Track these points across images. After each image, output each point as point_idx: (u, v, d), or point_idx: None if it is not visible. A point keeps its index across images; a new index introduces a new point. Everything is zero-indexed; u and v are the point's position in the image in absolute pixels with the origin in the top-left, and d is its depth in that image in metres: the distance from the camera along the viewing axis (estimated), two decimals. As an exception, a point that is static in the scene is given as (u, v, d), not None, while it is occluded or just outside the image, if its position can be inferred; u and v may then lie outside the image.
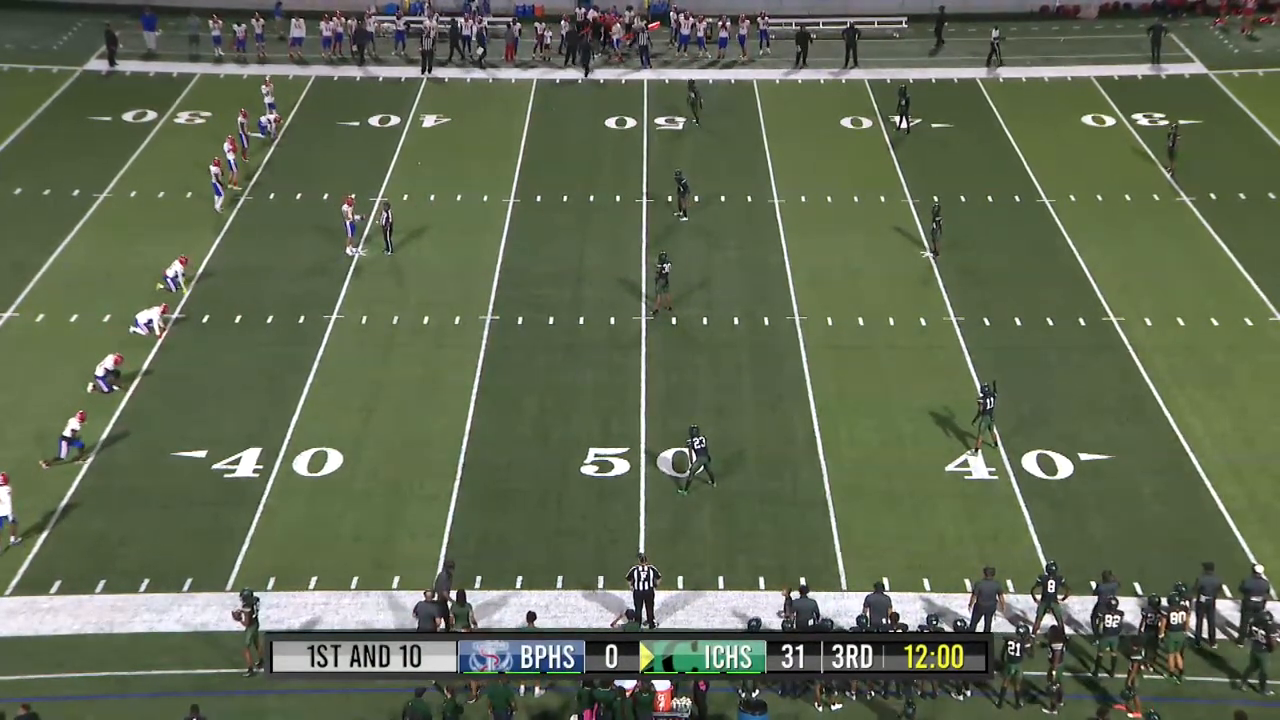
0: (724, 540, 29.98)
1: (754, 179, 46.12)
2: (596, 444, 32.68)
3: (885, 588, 26.74)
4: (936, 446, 32.68)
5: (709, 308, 38.47)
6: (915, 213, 43.58)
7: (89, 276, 39.51)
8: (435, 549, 29.16)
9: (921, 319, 37.97)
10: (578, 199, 44.77)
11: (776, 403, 34.56)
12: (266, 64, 54.53)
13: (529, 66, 55.20)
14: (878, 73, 54.44)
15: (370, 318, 37.82)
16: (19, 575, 28.39)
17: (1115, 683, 25.63)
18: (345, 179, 45.21)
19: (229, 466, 31.78)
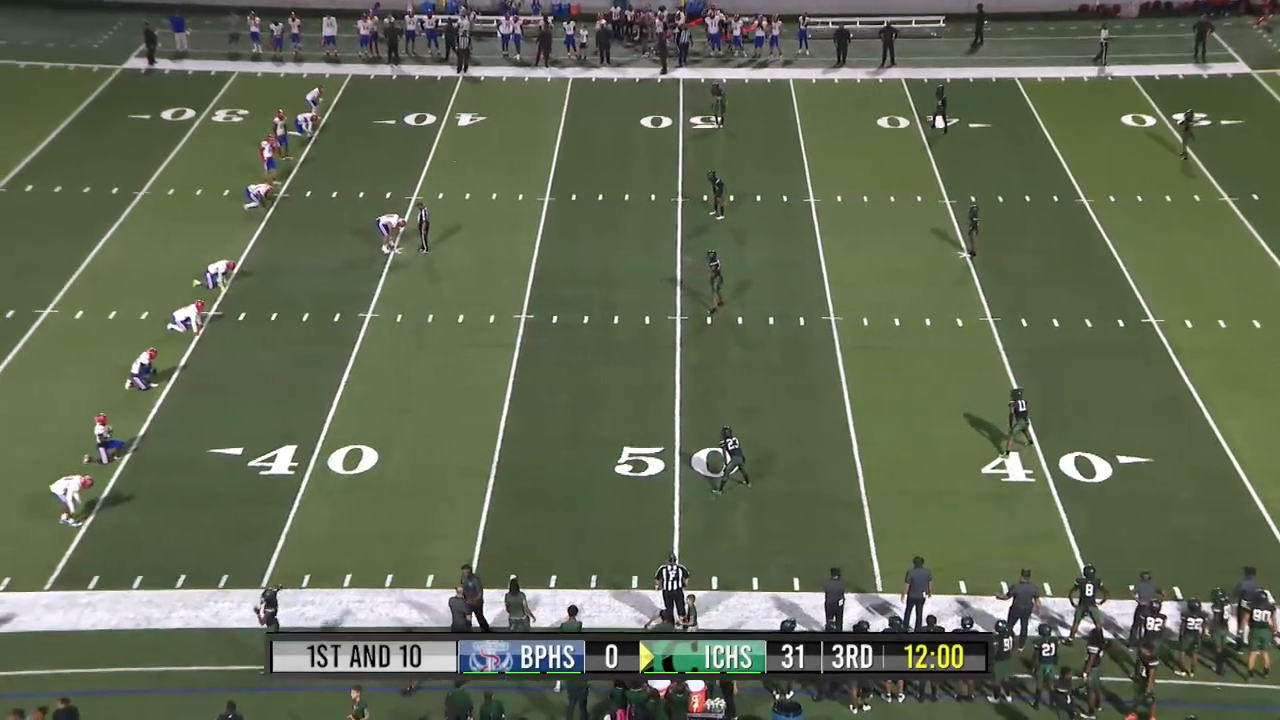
0: (758, 541, 29.96)
1: (789, 178, 46.04)
2: (630, 443, 32.71)
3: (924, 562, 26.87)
4: (972, 448, 32.54)
5: (743, 308, 38.44)
6: (952, 213, 43.40)
7: (127, 274, 39.86)
8: (469, 547, 29.27)
9: (958, 320, 37.82)
10: (612, 198, 44.81)
11: (811, 403, 34.50)
12: (303, 63, 54.88)
13: (564, 65, 55.30)
14: (915, 72, 54.23)
15: (405, 316, 38.00)
16: (58, 570, 28.69)
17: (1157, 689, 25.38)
18: (381, 177, 45.46)
19: (264, 464, 32.00)
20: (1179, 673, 26.16)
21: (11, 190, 44.79)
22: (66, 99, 51.38)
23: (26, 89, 52.78)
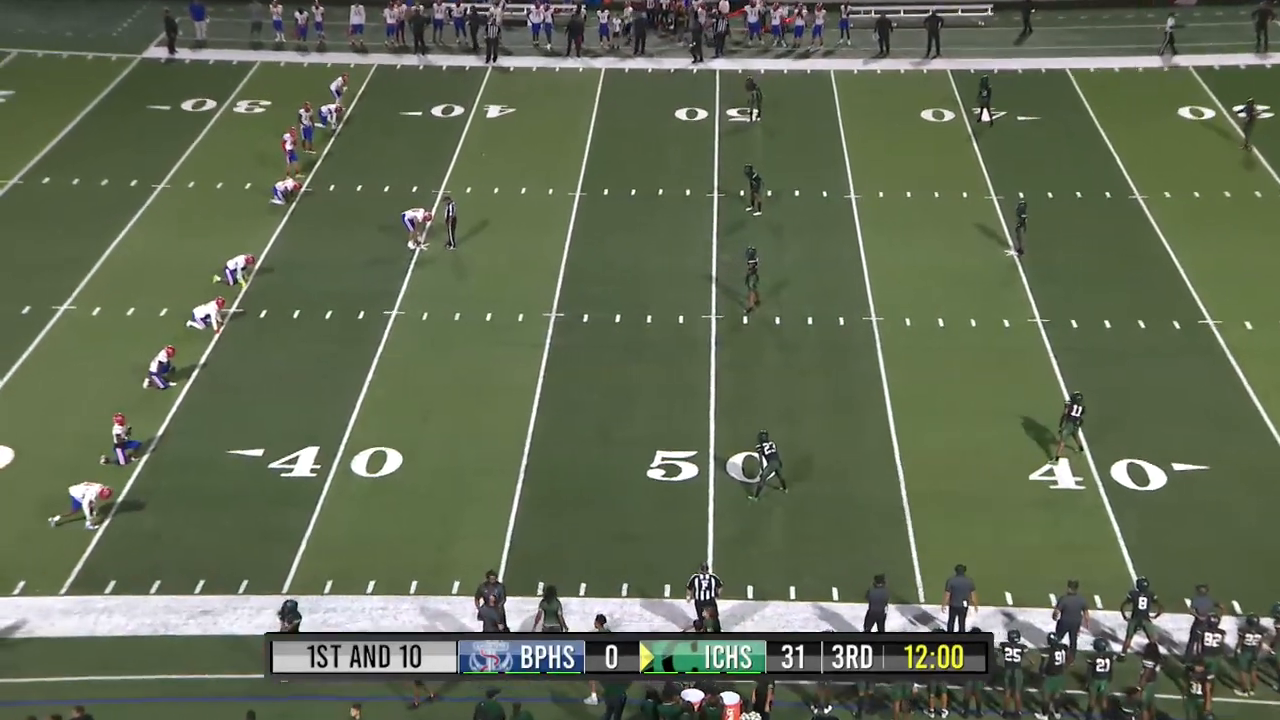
0: (795, 548, 29.90)
1: (829, 173, 45.94)
2: (663, 447, 32.70)
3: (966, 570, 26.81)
4: (1020, 454, 32.38)
5: (781, 307, 38.39)
6: (999, 209, 43.20)
7: (146, 269, 40.14)
8: (495, 553, 29.33)
9: (1004, 320, 37.65)
10: (646, 193, 44.83)
11: (851, 406, 34.41)
12: (327, 52, 55.15)
13: (596, 55, 55.35)
14: (961, 63, 54.02)
15: (431, 314, 38.12)
16: (73, 574, 28.90)
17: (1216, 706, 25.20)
18: (407, 171, 45.64)
19: (286, 466, 32.15)
20: (1238, 691, 25.95)
21: (28, 182, 45.19)
22: (84, 89, 51.81)
23: (44, 78, 53.26)
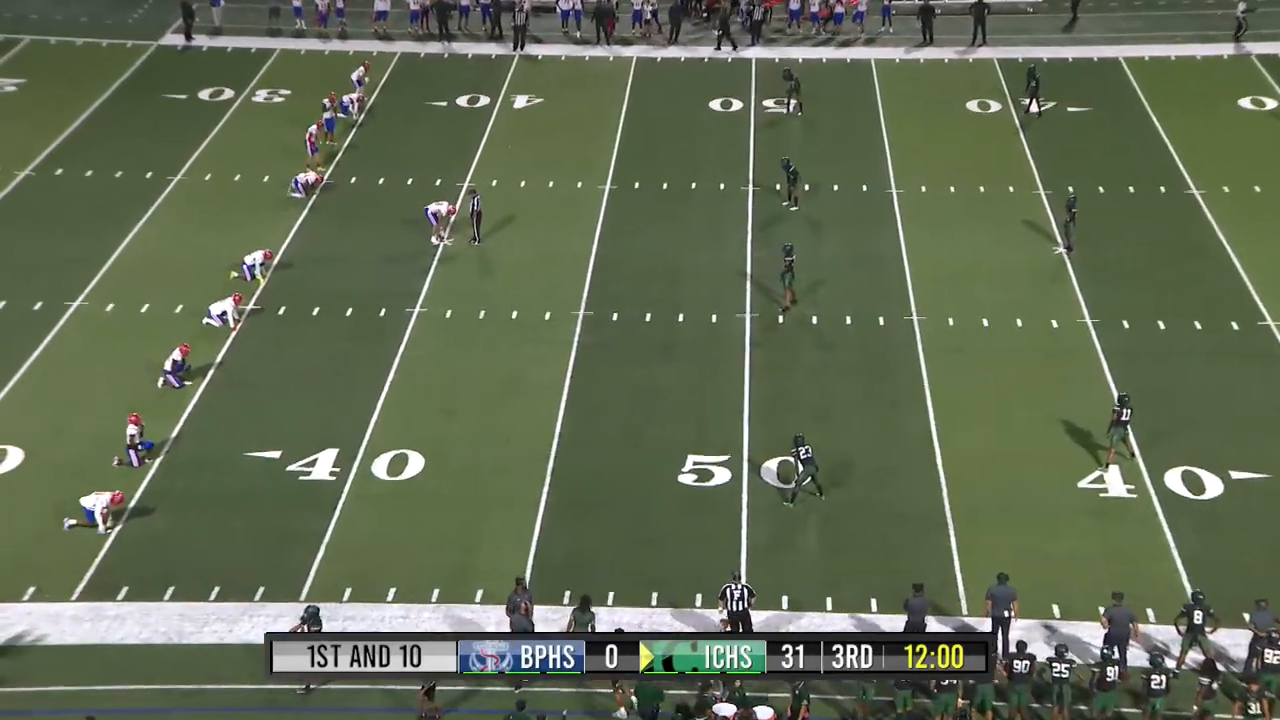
0: (832, 557, 29.83)
1: (870, 166, 45.83)
2: (695, 451, 32.67)
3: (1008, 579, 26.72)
4: (1068, 460, 32.21)
5: (818, 305, 38.30)
6: (1047, 204, 43.01)
7: (161, 264, 40.38)
8: (520, 560, 29.35)
9: (1053, 321, 37.47)
10: (678, 186, 44.81)
11: (891, 409, 34.31)
12: (349, 40, 55.35)
13: (627, 43, 55.35)
14: (1008, 51, 53.81)
15: (455, 311, 38.19)
16: (85, 580, 29.04)
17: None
18: (431, 163, 45.76)
19: (304, 468, 32.26)
20: (1297, 709, 25.74)
21: (40, 174, 45.52)
22: (99, 77, 52.19)
23: (57, 66, 53.68)
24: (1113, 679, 25.16)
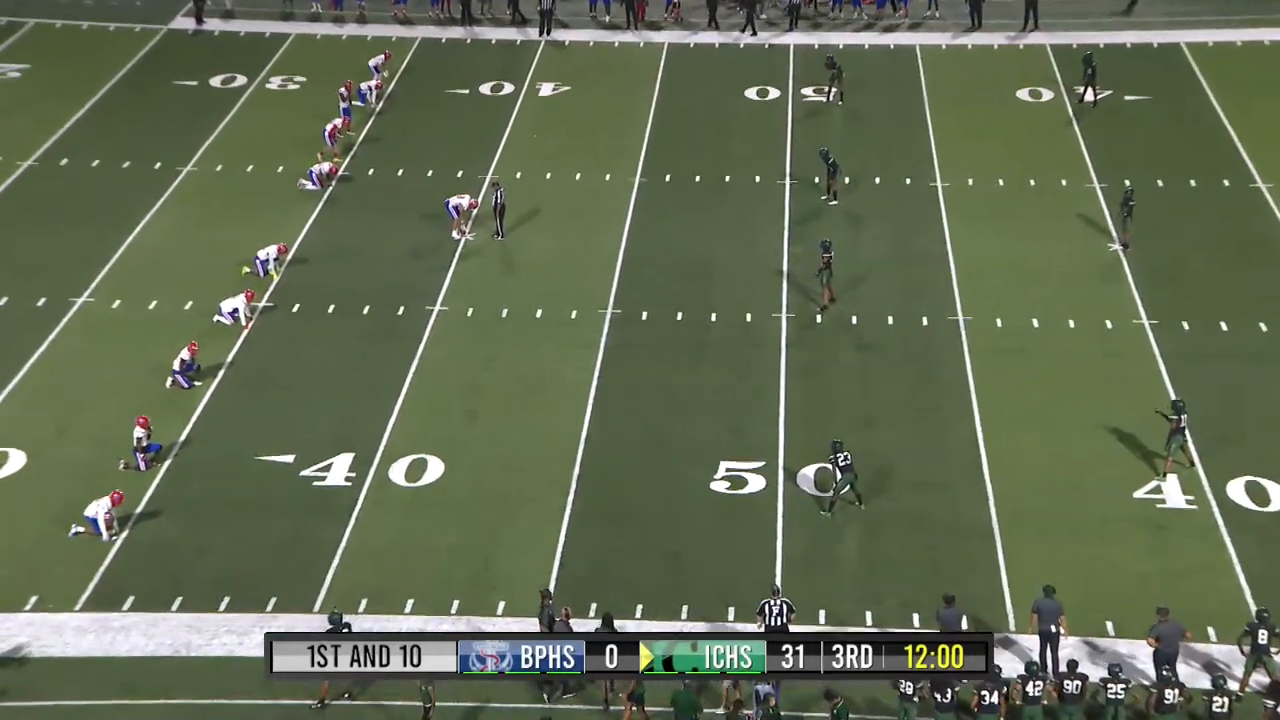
0: (871, 570, 29.80)
1: (913, 158, 45.77)
2: (728, 456, 32.72)
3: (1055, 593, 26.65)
4: (1123, 469, 32.11)
5: (858, 304, 38.27)
6: (1102, 198, 42.88)
7: (170, 259, 40.65)
8: (544, 571, 29.45)
9: (1107, 321, 37.35)
10: (711, 179, 44.84)
11: (935, 414, 34.27)
12: (367, 24, 55.59)
13: (659, 28, 55.41)
14: (1062, 36, 53.64)
15: (477, 310, 38.33)
16: (89, 589, 29.27)
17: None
18: (452, 154, 45.92)
19: (318, 473, 32.44)
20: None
21: (45, 164, 45.89)
22: (106, 63, 52.56)
23: (62, 51, 54.11)
24: (1171, 701, 25.04)
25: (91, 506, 30.26)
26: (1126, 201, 40.42)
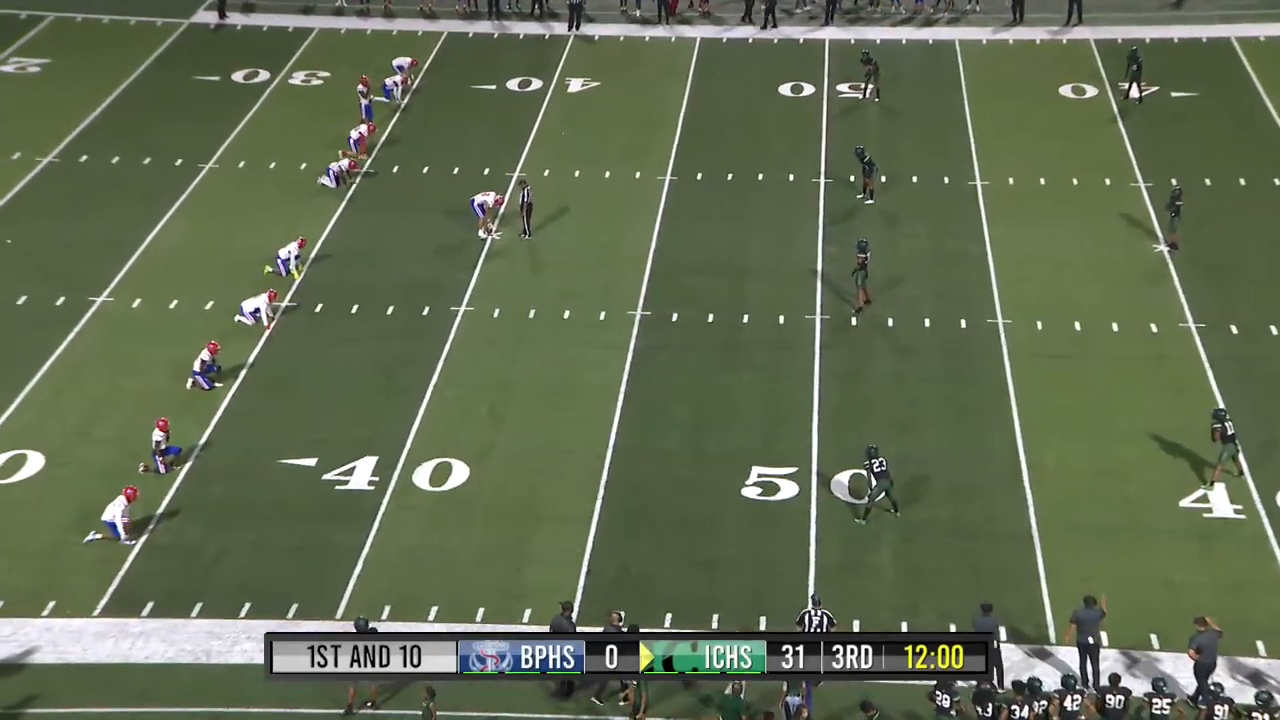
0: (907, 579, 29.74)
1: (952, 157, 45.68)
2: (760, 462, 32.71)
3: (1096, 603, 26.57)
4: (1168, 477, 31.97)
5: (895, 306, 38.21)
6: (1148, 198, 42.73)
7: (191, 258, 40.86)
8: (572, 578, 29.48)
9: (1152, 324, 37.21)
10: (744, 177, 44.84)
11: (973, 420, 34.18)
12: (394, 18, 55.77)
13: (691, 22, 55.42)
14: (1106, 31, 53.42)
15: (503, 310, 38.41)
16: (108, 594, 29.43)
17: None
18: (478, 151, 46.03)
19: (341, 477, 32.56)
20: None
21: (64, 160, 46.19)
22: (126, 57, 52.86)
23: (82, 45, 54.47)
24: (1221, 718, 24.89)
25: (108, 510, 30.42)
26: (1173, 201, 40.25)
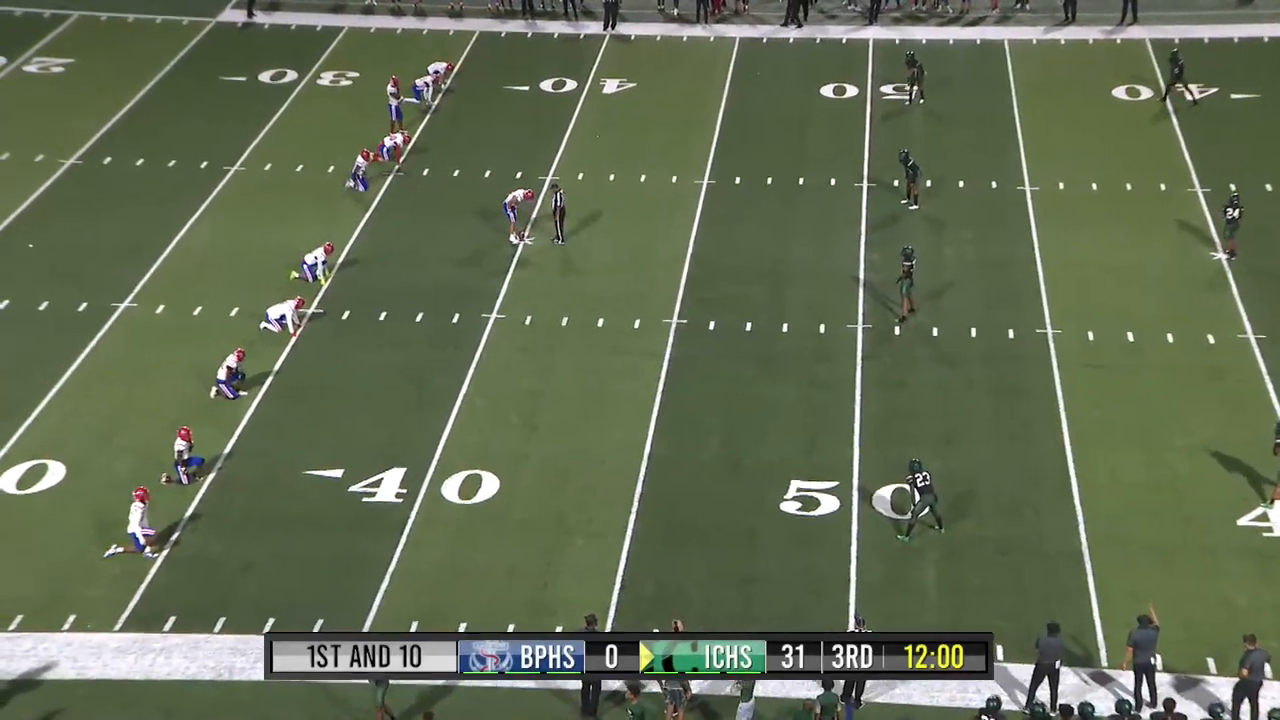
0: (952, 598, 29.66)
1: (1000, 160, 45.58)
2: (799, 475, 32.69)
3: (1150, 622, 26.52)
4: (1226, 494, 31.81)
5: (940, 315, 38.14)
6: (1204, 203, 42.55)
7: (216, 263, 41.10)
8: (604, 593, 29.52)
9: (1209, 335, 37.02)
10: (784, 181, 44.84)
11: (1021, 433, 34.08)
12: (425, 17, 56.01)
13: (730, 21, 55.47)
14: (1162, 30, 53.22)
15: (535, 317, 38.50)
16: (129, 609, 29.60)
17: None
18: (511, 154, 46.16)
19: (368, 489, 32.68)
20: None
21: (88, 162, 46.54)
22: (152, 57, 53.25)
23: (106, 45, 54.89)
24: None
25: (131, 521, 30.60)
26: (1231, 207, 40.07)
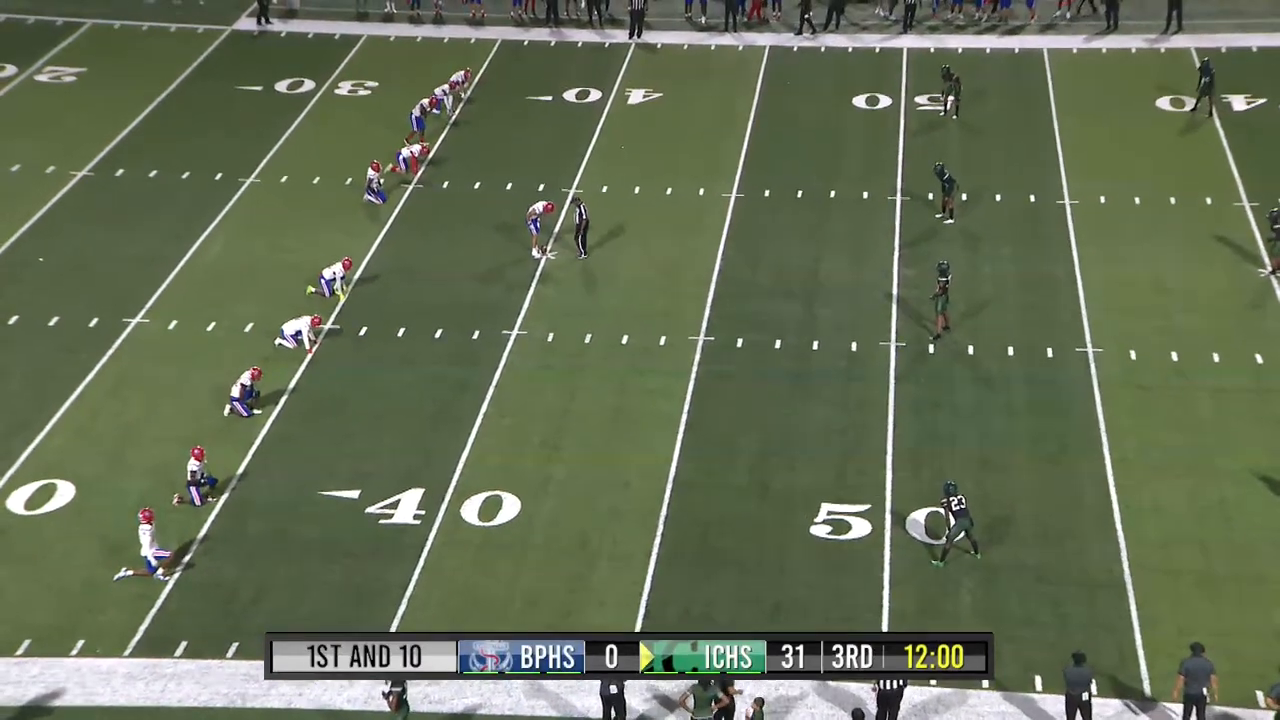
0: (987, 626, 29.34)
1: (1039, 173, 45.51)
2: (830, 498, 32.61)
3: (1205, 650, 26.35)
4: (1274, 519, 31.64)
5: (976, 333, 38.05)
6: (1252, 218, 42.40)
7: (230, 278, 41.22)
8: (629, 617, 29.46)
9: (1257, 355, 36.86)
10: (815, 195, 44.82)
11: (1060, 456, 33.96)
12: (444, 25, 56.18)
13: (759, 30, 55.50)
14: (1208, 39, 53.11)
15: (558, 334, 38.51)
16: (140, 633, 29.62)
17: None
18: (533, 166, 46.23)
19: (385, 510, 32.69)
20: None
21: (100, 175, 46.76)
22: (165, 66, 53.54)
23: (120, 53, 55.23)
24: None
25: (143, 545, 30.61)
26: (1276, 222, 39.92)
